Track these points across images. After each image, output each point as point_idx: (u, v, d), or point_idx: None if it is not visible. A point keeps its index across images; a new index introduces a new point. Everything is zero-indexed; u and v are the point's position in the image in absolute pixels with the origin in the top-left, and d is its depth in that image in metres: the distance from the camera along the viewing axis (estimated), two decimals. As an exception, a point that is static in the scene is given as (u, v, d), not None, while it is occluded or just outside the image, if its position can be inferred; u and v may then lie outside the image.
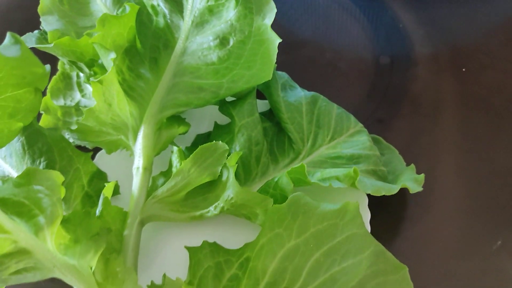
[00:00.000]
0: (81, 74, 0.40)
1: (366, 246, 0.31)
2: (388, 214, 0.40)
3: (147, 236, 0.36)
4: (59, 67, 0.41)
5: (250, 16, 0.34)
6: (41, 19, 0.39)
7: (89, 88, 0.41)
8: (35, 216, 0.28)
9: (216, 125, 0.39)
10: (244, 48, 0.34)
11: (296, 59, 0.44)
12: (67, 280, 0.29)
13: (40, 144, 0.35)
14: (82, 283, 0.29)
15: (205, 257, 0.31)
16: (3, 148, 0.35)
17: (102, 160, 0.38)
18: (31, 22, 0.41)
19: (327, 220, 0.31)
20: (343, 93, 0.43)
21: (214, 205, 0.33)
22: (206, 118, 0.41)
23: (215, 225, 0.36)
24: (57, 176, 0.30)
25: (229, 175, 0.33)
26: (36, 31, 0.40)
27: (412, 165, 0.39)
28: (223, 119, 0.39)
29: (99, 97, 0.32)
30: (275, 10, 0.34)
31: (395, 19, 0.50)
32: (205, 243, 0.32)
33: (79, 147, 0.38)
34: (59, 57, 0.38)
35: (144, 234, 0.34)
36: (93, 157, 0.38)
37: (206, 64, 0.34)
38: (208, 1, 0.35)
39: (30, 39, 0.39)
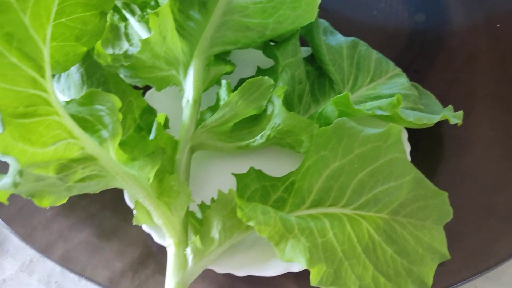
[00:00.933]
0: (130, 23, 0.42)
1: (407, 172, 0.33)
2: (427, 150, 0.41)
3: (196, 164, 0.38)
4: (108, 19, 0.42)
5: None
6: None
7: (135, 38, 0.43)
8: (98, 130, 0.30)
9: (259, 69, 0.40)
10: None
11: (333, 15, 0.45)
12: (128, 187, 0.31)
13: (98, 75, 0.37)
14: (141, 191, 0.31)
15: (252, 181, 0.33)
16: (62, 81, 0.37)
17: (151, 98, 0.40)
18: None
19: (371, 142, 0.32)
20: (381, 46, 0.45)
21: (260, 134, 0.35)
22: (249, 63, 0.43)
23: (260, 157, 0.38)
24: (116, 100, 0.31)
25: (276, 104, 0.35)
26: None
27: (450, 106, 0.40)
28: (266, 64, 0.40)
29: (155, 28, 0.33)
30: None
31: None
32: (251, 169, 0.34)
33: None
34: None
35: (194, 163, 0.36)
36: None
37: (254, 2, 0.36)
38: None
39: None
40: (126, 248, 0.37)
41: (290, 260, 0.29)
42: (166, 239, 0.32)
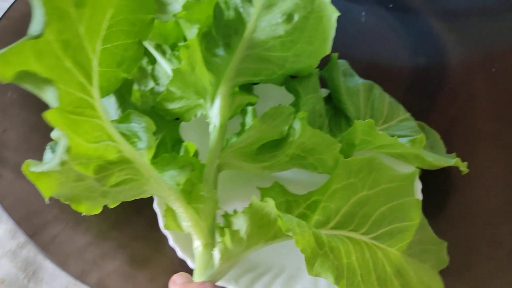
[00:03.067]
0: (157, 66, 0.45)
1: (417, 215, 0.36)
2: (435, 186, 0.44)
3: (221, 183, 0.39)
4: None
5: (312, -6, 0.39)
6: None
7: (162, 78, 0.46)
8: (134, 142, 0.33)
9: (282, 104, 0.43)
10: (307, 23, 0.39)
11: (347, 59, 0.49)
12: (160, 191, 0.33)
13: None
14: (173, 193, 0.33)
15: (277, 194, 0.35)
16: None
17: (182, 130, 0.43)
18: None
19: (397, 181, 0.35)
20: (385, 88, 0.48)
21: (284, 153, 0.37)
22: (272, 99, 0.45)
23: (280, 178, 0.40)
24: (150, 121, 0.35)
25: (299, 126, 0.37)
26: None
27: (454, 153, 0.44)
28: (287, 102, 0.43)
29: (185, 59, 0.37)
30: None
31: (429, 27, 0.56)
32: (275, 183, 0.36)
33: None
34: (145, 43, 0.43)
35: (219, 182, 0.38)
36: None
37: (274, 37, 0.39)
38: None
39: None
40: (158, 276, 0.37)
41: (318, 275, 0.30)
42: (194, 243, 0.33)
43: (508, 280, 0.39)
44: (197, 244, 0.33)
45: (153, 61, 0.44)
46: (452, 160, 0.41)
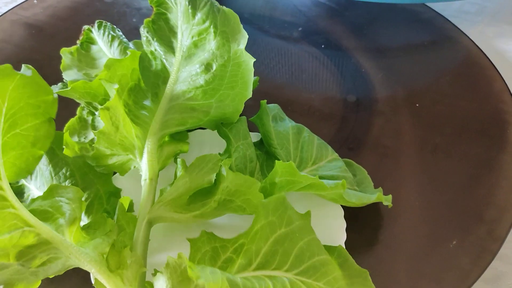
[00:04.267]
0: (96, 118, 0.46)
1: (331, 250, 0.37)
2: (364, 221, 0.46)
3: (156, 237, 0.41)
4: (77, 112, 0.46)
5: (228, 44, 0.41)
6: (63, 74, 0.47)
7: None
8: (56, 218, 0.34)
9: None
10: (226, 70, 0.41)
11: (277, 100, 0.51)
12: (82, 265, 0.34)
13: (64, 170, 0.42)
14: (93, 266, 0.33)
15: (203, 243, 0.35)
16: (38, 180, 0.41)
17: (117, 183, 0.44)
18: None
19: (300, 220, 0.37)
20: (318, 127, 0.51)
21: (213, 200, 0.38)
22: (207, 144, 0.48)
23: (213, 224, 0.42)
24: (76, 190, 0.36)
25: (223, 170, 0.38)
26: (59, 83, 0.49)
27: (380, 188, 0.46)
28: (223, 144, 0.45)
29: (107, 121, 0.38)
30: (247, 37, 0.41)
31: (358, 65, 0.59)
32: (203, 232, 0.36)
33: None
34: (77, 100, 0.44)
35: (155, 236, 0.39)
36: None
37: (195, 87, 0.41)
38: (192, 38, 0.42)
39: (54, 88, 0.47)
40: None
41: None
42: None
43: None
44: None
45: (92, 112, 0.45)
46: (373, 196, 0.43)
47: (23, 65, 0.34)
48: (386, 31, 0.65)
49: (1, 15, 0.68)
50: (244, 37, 0.41)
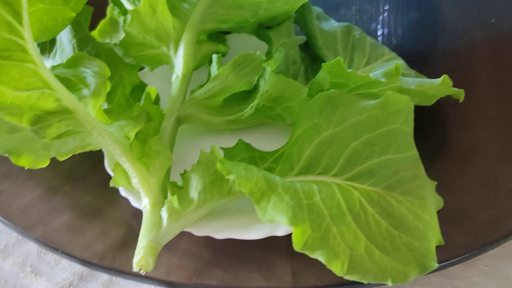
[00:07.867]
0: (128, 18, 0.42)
1: (408, 147, 0.31)
2: (429, 130, 0.40)
3: (183, 140, 0.37)
4: (108, 12, 0.42)
5: None
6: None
7: None
8: (79, 89, 0.30)
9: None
10: None
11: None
12: (104, 144, 0.30)
13: (90, 47, 0.36)
14: (118, 147, 0.30)
15: (240, 151, 0.32)
16: (57, 57, 0.37)
17: (145, 79, 0.40)
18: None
19: (367, 111, 0.30)
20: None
21: (250, 106, 0.34)
22: (245, 51, 0.42)
23: (249, 136, 0.36)
24: (103, 66, 0.31)
25: (267, 72, 0.33)
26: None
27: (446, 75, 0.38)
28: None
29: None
30: None
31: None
32: (240, 141, 0.32)
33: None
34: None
35: (181, 139, 0.35)
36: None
37: None
38: None
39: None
40: (108, 230, 0.35)
41: (271, 220, 0.26)
42: (142, 200, 0.30)
43: (508, 226, 0.33)
44: (145, 202, 0.30)
45: (124, 11, 0.41)
46: (437, 81, 0.34)
47: None
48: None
49: None
50: None
